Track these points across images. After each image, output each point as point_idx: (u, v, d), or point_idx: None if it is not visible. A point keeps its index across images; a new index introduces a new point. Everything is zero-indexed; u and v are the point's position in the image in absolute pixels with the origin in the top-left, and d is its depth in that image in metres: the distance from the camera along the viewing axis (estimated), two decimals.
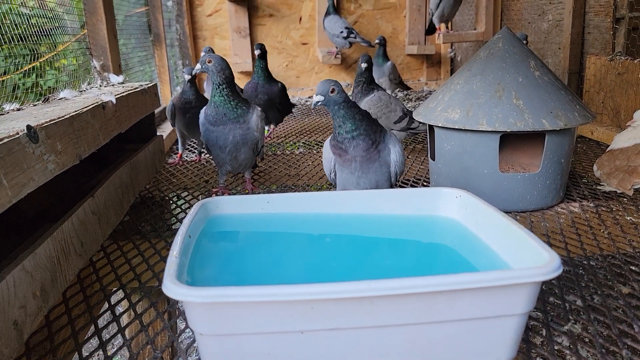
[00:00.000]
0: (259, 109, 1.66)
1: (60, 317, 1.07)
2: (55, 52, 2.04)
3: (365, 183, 1.32)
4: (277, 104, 2.44)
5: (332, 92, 1.26)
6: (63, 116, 1.06)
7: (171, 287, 0.75)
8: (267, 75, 2.40)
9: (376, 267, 1.03)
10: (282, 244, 1.12)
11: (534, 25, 3.12)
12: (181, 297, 0.74)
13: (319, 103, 1.27)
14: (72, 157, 1.07)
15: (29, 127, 0.91)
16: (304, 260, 1.07)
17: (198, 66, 1.56)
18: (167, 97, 3.20)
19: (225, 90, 1.55)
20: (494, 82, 1.56)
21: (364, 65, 2.13)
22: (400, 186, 1.87)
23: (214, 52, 2.92)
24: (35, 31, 1.84)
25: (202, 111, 1.64)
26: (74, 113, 1.12)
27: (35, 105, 1.31)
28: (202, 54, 2.91)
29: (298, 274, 1.01)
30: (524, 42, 2.30)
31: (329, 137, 1.38)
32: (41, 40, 1.91)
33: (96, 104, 1.30)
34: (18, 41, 1.75)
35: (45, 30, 1.93)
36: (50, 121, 0.99)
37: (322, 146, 2.57)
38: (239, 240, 1.12)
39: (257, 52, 2.37)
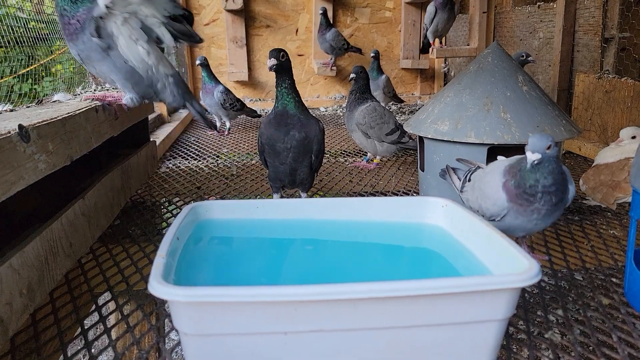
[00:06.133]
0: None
1: (47, 317, 1.07)
2: (51, 57, 2.05)
3: (539, 228, 1.20)
4: (313, 156, 1.52)
5: (548, 148, 1.10)
6: (56, 117, 1.07)
7: (157, 287, 0.76)
8: (298, 102, 1.49)
9: (364, 271, 1.04)
10: (270, 249, 1.13)
11: (525, 42, 3.17)
12: (167, 296, 0.75)
13: (535, 162, 1.10)
14: (63, 157, 1.08)
15: (20, 126, 0.92)
16: (292, 265, 1.08)
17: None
18: (162, 104, 3.21)
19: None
20: (483, 96, 1.59)
21: (352, 75, 2.18)
22: (391, 196, 1.89)
23: (207, 62, 2.96)
24: (32, 35, 1.86)
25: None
26: (67, 115, 1.13)
27: (28, 107, 1.32)
28: (197, 62, 2.95)
29: (285, 277, 1.02)
30: (522, 57, 2.33)
31: (492, 177, 1.22)
32: (38, 45, 1.93)
33: (89, 107, 1.31)
34: (14, 45, 1.77)
35: (42, 35, 1.95)
36: (42, 122, 1.01)
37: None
38: (228, 244, 1.13)
39: (271, 64, 1.41)
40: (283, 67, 1.45)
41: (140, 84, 1.49)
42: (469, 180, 1.34)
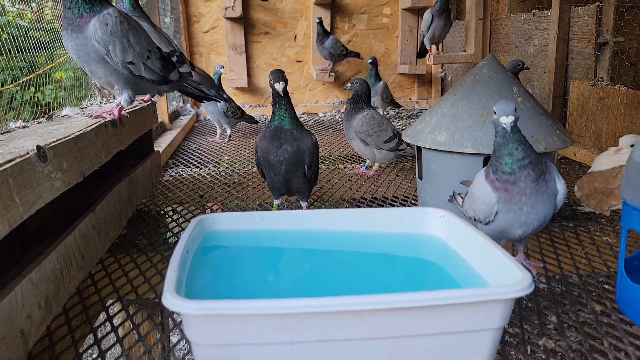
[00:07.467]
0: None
1: (61, 328, 1.11)
2: (52, 65, 2.09)
3: (533, 220, 1.20)
4: (306, 166, 1.61)
5: (515, 111, 1.12)
6: (69, 135, 1.12)
7: (170, 300, 0.80)
8: (294, 118, 1.59)
9: (365, 281, 1.08)
10: (275, 259, 1.18)
11: (520, 49, 3.22)
12: (180, 309, 0.79)
13: (511, 124, 1.11)
14: (76, 174, 1.13)
15: (38, 147, 0.97)
16: (297, 275, 1.12)
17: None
18: (163, 112, 3.26)
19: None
20: (479, 107, 1.64)
21: (347, 85, 2.26)
22: (390, 204, 1.94)
23: (223, 68, 3.06)
24: (32, 44, 1.90)
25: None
26: (79, 132, 1.18)
27: (39, 123, 1.36)
28: (218, 69, 3.05)
29: (291, 287, 1.06)
30: (518, 66, 2.39)
31: (477, 179, 1.26)
32: (38, 53, 1.97)
33: (99, 123, 1.36)
34: (16, 54, 1.81)
35: (43, 43, 1.99)
36: (57, 141, 1.05)
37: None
38: (235, 256, 1.17)
39: (280, 87, 1.52)
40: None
41: (139, 85, 1.57)
42: (467, 194, 1.40)
